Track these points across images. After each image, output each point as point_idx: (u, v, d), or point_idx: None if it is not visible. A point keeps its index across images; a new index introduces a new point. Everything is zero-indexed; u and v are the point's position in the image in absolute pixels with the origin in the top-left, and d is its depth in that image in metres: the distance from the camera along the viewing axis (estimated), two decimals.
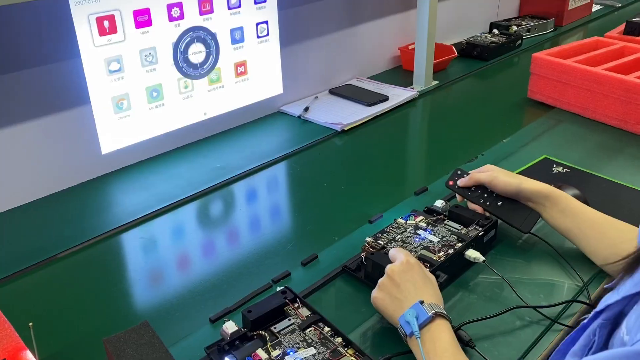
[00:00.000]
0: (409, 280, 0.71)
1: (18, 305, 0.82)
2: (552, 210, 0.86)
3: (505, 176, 0.90)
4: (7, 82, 1.00)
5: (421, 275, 0.73)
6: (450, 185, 0.95)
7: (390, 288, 0.72)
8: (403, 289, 0.71)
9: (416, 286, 0.71)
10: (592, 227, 0.83)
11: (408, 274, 0.72)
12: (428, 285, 0.72)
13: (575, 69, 1.36)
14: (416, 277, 0.72)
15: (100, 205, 1.09)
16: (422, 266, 0.75)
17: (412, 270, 0.73)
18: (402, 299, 0.70)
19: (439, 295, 0.72)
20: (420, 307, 0.67)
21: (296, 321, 0.72)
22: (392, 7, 1.70)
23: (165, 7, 1.14)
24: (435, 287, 0.73)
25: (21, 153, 1.06)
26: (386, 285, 0.73)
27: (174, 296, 0.85)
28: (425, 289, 0.71)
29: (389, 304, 0.71)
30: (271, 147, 1.29)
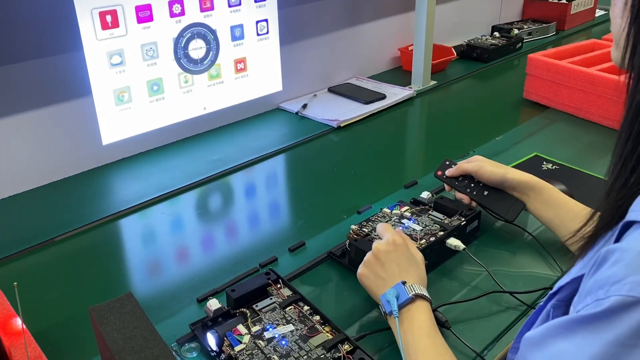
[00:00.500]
0: (394, 260, 0.73)
1: (17, 282, 0.85)
2: (535, 201, 0.89)
3: (491, 166, 0.92)
4: (12, 72, 1.05)
5: (406, 255, 0.74)
6: (439, 176, 0.98)
7: (374, 266, 0.74)
8: (387, 269, 0.73)
9: (400, 267, 0.72)
10: (573, 218, 0.85)
11: (393, 254, 0.73)
12: (413, 266, 0.73)
13: (569, 69, 1.37)
14: (401, 258, 0.73)
15: (99, 193, 1.13)
16: (408, 245, 0.75)
17: (398, 250, 0.74)
18: (385, 278, 0.72)
19: (423, 276, 0.74)
20: (401, 288, 0.69)
21: (277, 300, 0.75)
22: (392, 8, 1.73)
23: (166, 3, 1.18)
24: (420, 268, 0.74)
25: (24, 142, 1.10)
26: (371, 263, 0.74)
27: (165, 278, 0.88)
28: (410, 269, 0.72)
29: (373, 281, 0.73)
30: (268, 141, 1.32)
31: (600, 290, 0.40)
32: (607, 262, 0.41)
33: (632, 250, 0.40)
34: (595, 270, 0.42)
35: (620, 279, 0.39)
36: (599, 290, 0.41)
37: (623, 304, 0.39)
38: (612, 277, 0.40)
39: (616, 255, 0.41)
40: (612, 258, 0.41)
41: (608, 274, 0.41)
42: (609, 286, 0.40)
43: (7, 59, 1.03)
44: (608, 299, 0.40)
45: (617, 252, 0.41)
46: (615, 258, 0.41)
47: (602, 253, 0.42)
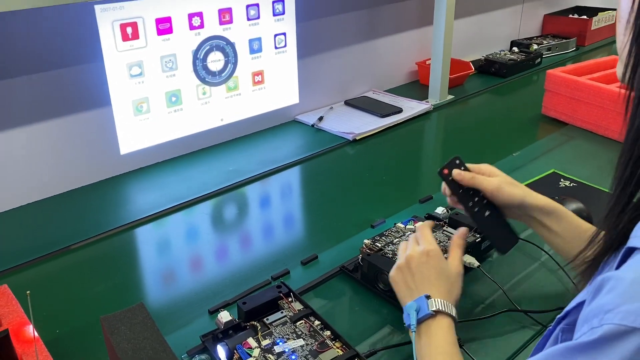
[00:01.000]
0: (424, 273, 0.71)
1: (32, 290, 0.86)
2: (552, 227, 0.80)
3: (510, 187, 0.82)
4: (34, 82, 1.07)
5: (438, 268, 0.71)
6: (444, 175, 0.83)
7: (405, 273, 0.72)
8: (416, 279, 0.71)
9: (429, 280, 0.70)
10: None
11: (424, 265, 0.71)
12: (442, 280, 0.71)
13: (588, 86, 1.36)
14: (431, 271, 0.71)
15: (116, 202, 1.14)
16: (441, 258, 0.72)
17: (429, 262, 0.71)
18: (413, 288, 0.71)
19: (454, 292, 0.71)
20: (424, 302, 0.67)
21: (288, 314, 0.74)
22: (410, 22, 1.73)
23: (186, 16, 1.20)
24: (452, 282, 0.71)
25: (44, 150, 1.11)
26: (403, 269, 0.73)
27: (177, 288, 0.89)
28: (438, 283, 0.70)
29: (402, 288, 0.72)
30: (283, 153, 1.32)
31: (595, 318, 0.41)
32: (603, 290, 0.42)
33: (626, 278, 0.41)
34: (593, 298, 0.43)
35: (613, 307, 0.40)
36: (594, 319, 0.41)
37: (615, 333, 0.39)
38: (606, 305, 0.40)
39: (611, 283, 0.41)
40: (608, 286, 0.41)
41: (602, 302, 0.41)
42: (603, 314, 0.40)
43: (29, 69, 1.05)
44: (601, 327, 0.40)
45: (612, 280, 0.41)
46: (610, 286, 0.41)
47: (599, 280, 0.43)
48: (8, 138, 1.06)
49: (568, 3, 2.38)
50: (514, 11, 2.13)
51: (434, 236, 0.76)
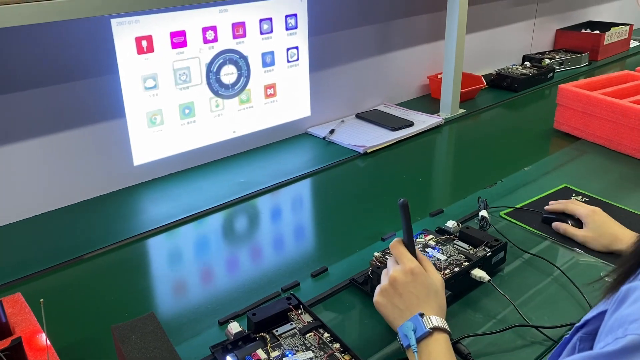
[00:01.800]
0: (412, 292, 0.71)
1: (44, 299, 0.87)
2: None
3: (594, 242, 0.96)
4: (49, 94, 1.09)
5: (425, 284, 0.71)
6: None
7: (392, 296, 0.72)
8: (405, 300, 0.71)
9: (419, 298, 0.70)
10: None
11: (411, 284, 0.71)
12: (431, 295, 0.71)
13: (600, 101, 1.36)
14: (419, 288, 0.71)
15: (129, 213, 1.15)
16: (425, 274, 0.72)
17: (416, 280, 0.71)
18: (403, 309, 0.71)
19: (442, 305, 0.72)
20: (419, 321, 0.68)
21: (298, 326, 0.74)
22: (422, 37, 1.74)
23: (200, 30, 1.21)
24: (440, 296, 0.72)
25: (59, 160, 1.13)
26: (388, 292, 0.72)
27: (188, 299, 0.89)
28: (428, 300, 0.70)
29: (390, 311, 0.72)
30: (294, 166, 1.33)
31: (620, 328, 0.40)
32: (628, 300, 0.41)
33: None
34: (617, 308, 0.42)
35: (638, 317, 0.39)
36: (618, 329, 0.41)
37: (639, 343, 0.38)
38: (631, 315, 0.40)
39: (637, 293, 0.41)
40: (633, 296, 0.41)
41: (627, 312, 0.40)
42: (628, 324, 0.40)
43: (45, 81, 1.07)
44: (625, 337, 0.39)
45: (638, 291, 0.41)
46: (635, 296, 0.41)
47: (623, 291, 0.42)
48: (24, 148, 1.08)
49: (580, 18, 2.39)
50: (527, 26, 2.14)
51: (418, 251, 0.76)
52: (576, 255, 0.95)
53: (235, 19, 1.26)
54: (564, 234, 0.99)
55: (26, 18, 0.89)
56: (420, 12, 1.71)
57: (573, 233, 0.97)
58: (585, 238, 0.96)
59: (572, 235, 0.98)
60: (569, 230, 0.98)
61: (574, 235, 0.97)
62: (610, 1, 2.53)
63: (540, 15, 2.17)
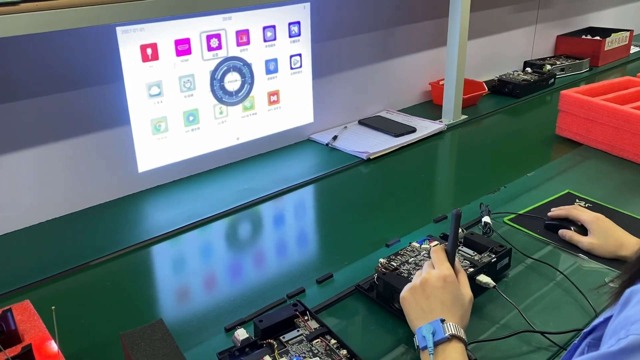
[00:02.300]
0: (439, 297, 0.72)
1: (52, 305, 0.88)
2: None
3: (600, 249, 0.96)
4: (55, 101, 1.09)
5: (454, 294, 0.73)
6: None
7: (419, 296, 0.73)
8: (431, 302, 0.72)
9: (444, 304, 0.72)
10: None
11: (440, 290, 0.73)
12: (457, 306, 0.72)
13: (602, 106, 1.36)
14: (447, 296, 0.72)
15: (134, 220, 1.16)
16: (457, 285, 0.74)
17: (446, 288, 0.73)
18: (427, 311, 0.72)
19: (465, 318, 0.73)
20: (439, 325, 0.69)
21: (304, 332, 0.75)
22: (424, 43, 1.75)
23: (204, 38, 1.22)
24: (465, 309, 0.73)
25: (64, 168, 1.14)
26: (417, 291, 0.74)
27: (195, 306, 0.89)
28: (453, 309, 0.72)
29: (414, 310, 0.73)
30: (298, 172, 1.34)
31: (622, 330, 0.41)
32: (630, 303, 0.42)
33: None
34: (620, 311, 0.43)
35: (639, 318, 0.40)
36: (621, 331, 0.41)
37: None
38: (633, 316, 0.41)
39: (638, 296, 0.42)
40: (635, 299, 0.42)
41: (629, 314, 0.41)
42: (630, 325, 0.41)
43: (52, 90, 1.08)
44: (627, 338, 0.40)
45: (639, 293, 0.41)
46: (637, 299, 0.42)
47: (627, 294, 0.43)
48: (30, 156, 1.09)
49: (581, 24, 2.40)
50: (527, 32, 2.15)
51: None
52: (579, 260, 0.96)
53: (239, 26, 1.27)
54: (569, 242, 1.00)
55: (32, 27, 0.90)
56: (422, 19, 1.72)
57: (578, 240, 0.98)
58: (591, 245, 0.96)
59: (578, 243, 0.98)
60: (575, 237, 0.99)
61: (580, 242, 0.98)
62: (610, 7, 2.54)
63: (541, 21, 2.18)
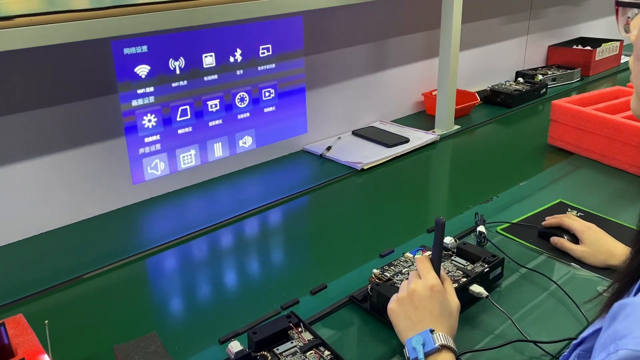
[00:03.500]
0: (427, 307, 0.72)
1: (46, 318, 0.87)
2: None
3: (592, 258, 0.97)
4: (50, 114, 1.10)
5: (442, 304, 0.73)
6: None
7: (407, 307, 0.73)
8: (419, 313, 0.72)
9: (432, 314, 0.72)
10: None
11: (428, 300, 0.73)
12: (445, 315, 0.73)
13: (593, 116, 1.38)
14: (435, 306, 0.73)
15: (127, 232, 1.16)
16: (444, 294, 0.74)
17: (434, 297, 0.73)
18: (415, 321, 0.72)
19: (453, 326, 0.73)
20: (428, 336, 0.69)
21: (298, 344, 0.75)
22: (416, 54, 1.77)
23: (200, 51, 1.23)
24: (453, 318, 0.74)
25: (58, 180, 1.14)
26: (405, 302, 0.74)
27: (188, 317, 0.89)
28: (442, 319, 0.72)
29: (402, 321, 0.73)
30: (292, 183, 1.34)
31: (612, 344, 0.41)
32: (620, 317, 0.42)
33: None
34: (609, 325, 0.43)
35: (628, 333, 0.40)
36: (610, 345, 0.41)
37: (630, 358, 0.39)
38: (622, 331, 0.41)
39: (627, 309, 0.42)
40: (624, 312, 0.42)
41: (619, 328, 0.41)
42: (619, 340, 0.41)
43: (46, 102, 1.09)
44: (617, 352, 0.40)
45: (629, 307, 0.42)
46: (626, 312, 0.42)
47: (616, 307, 0.43)
48: (24, 169, 1.09)
49: (572, 34, 2.42)
50: (519, 42, 2.17)
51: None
52: (572, 270, 0.96)
53: (234, 39, 1.28)
54: (561, 249, 1.00)
55: (26, 42, 0.91)
56: (414, 31, 1.73)
57: (570, 248, 0.99)
58: (582, 253, 0.97)
59: (569, 250, 0.99)
60: (566, 245, 0.99)
61: (571, 250, 0.98)
62: (600, 17, 2.57)
63: (533, 31, 2.20)
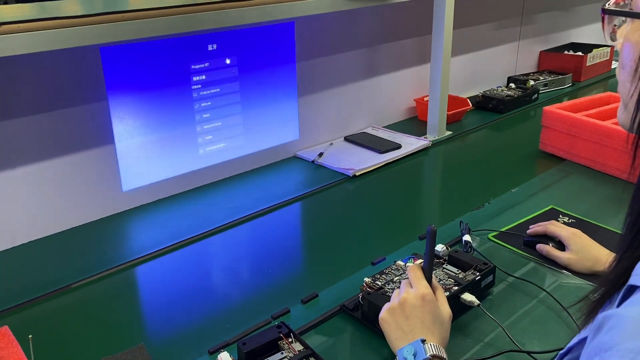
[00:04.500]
0: (418, 317, 0.72)
1: (32, 330, 0.86)
2: None
3: (578, 264, 0.97)
4: (39, 121, 1.09)
5: (433, 313, 0.73)
6: None
7: (398, 316, 0.73)
8: (410, 323, 0.72)
9: (424, 324, 0.72)
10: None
11: (419, 309, 0.73)
12: (436, 325, 0.73)
13: (584, 122, 1.38)
14: (427, 315, 0.73)
15: (117, 240, 1.15)
16: (435, 303, 0.74)
17: (425, 307, 0.73)
18: (407, 331, 0.72)
19: (445, 336, 0.73)
20: (420, 346, 0.69)
21: (288, 355, 0.74)
22: (408, 61, 1.77)
23: (191, 56, 1.22)
24: (445, 327, 0.74)
25: (47, 188, 1.13)
26: (396, 311, 0.74)
27: (178, 328, 0.88)
28: (433, 328, 0.72)
29: (394, 330, 0.73)
30: (284, 189, 1.34)
31: (596, 356, 0.41)
32: (604, 328, 0.42)
33: (626, 316, 0.41)
34: (594, 336, 0.43)
35: (613, 345, 0.40)
36: (595, 357, 0.41)
37: None
38: (607, 343, 0.41)
39: (612, 321, 0.42)
40: (608, 324, 0.42)
41: (603, 340, 0.41)
42: (604, 352, 0.40)
43: (36, 109, 1.08)
44: None
45: (613, 319, 0.42)
46: (611, 324, 0.42)
47: (600, 318, 0.43)
48: (12, 176, 1.08)
49: (563, 40, 2.43)
50: (511, 48, 2.18)
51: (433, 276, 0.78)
52: (561, 277, 0.96)
53: (226, 45, 1.27)
54: (547, 256, 1.00)
55: (13, 49, 0.90)
56: (406, 37, 1.74)
57: (556, 255, 0.98)
58: (569, 260, 0.97)
59: (556, 258, 0.99)
60: (552, 252, 0.99)
61: (558, 258, 0.98)
62: (591, 23, 2.59)
63: (524, 37, 2.21)
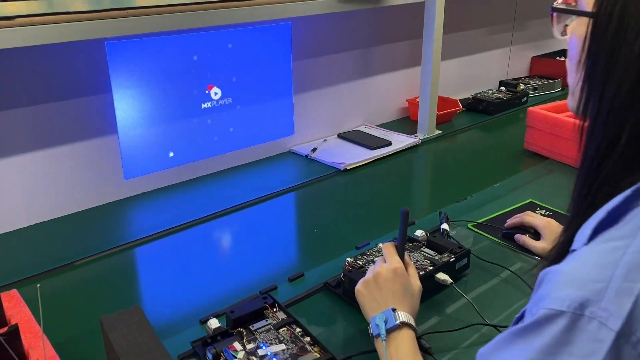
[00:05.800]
0: (390, 288, 0.79)
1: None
2: None
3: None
4: (44, 111, 1.16)
5: (404, 285, 0.79)
6: None
7: (372, 288, 0.80)
8: (383, 294, 0.79)
9: (395, 295, 0.78)
10: None
11: (391, 282, 0.79)
12: (407, 296, 0.79)
13: (566, 122, 1.44)
14: (398, 287, 0.79)
15: (118, 224, 1.22)
16: (406, 276, 0.81)
17: (396, 279, 0.79)
18: (380, 302, 0.78)
19: (415, 307, 0.79)
20: (391, 314, 0.75)
21: (272, 322, 0.81)
22: (401, 63, 1.84)
23: (190, 53, 1.29)
24: (415, 299, 0.80)
25: (53, 174, 1.20)
26: (370, 284, 0.80)
27: (173, 301, 0.95)
28: (403, 299, 0.78)
29: (368, 302, 0.80)
30: (278, 181, 1.40)
31: (535, 307, 0.47)
32: (543, 283, 0.48)
33: (560, 271, 0.47)
34: (535, 292, 0.49)
35: (547, 294, 0.46)
36: (533, 308, 0.47)
37: (547, 316, 0.45)
38: (543, 295, 0.47)
39: (549, 276, 0.48)
40: (546, 279, 0.48)
41: (541, 293, 0.47)
42: (540, 301, 0.46)
43: (41, 100, 1.15)
44: (538, 312, 0.46)
45: (550, 274, 0.48)
46: (547, 279, 0.48)
47: (540, 275, 0.49)
48: (20, 162, 1.15)
49: (555, 46, 2.50)
50: (503, 53, 2.25)
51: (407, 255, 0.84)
52: (534, 262, 1.02)
53: (224, 43, 1.34)
54: (523, 246, 1.06)
55: (26, 40, 0.97)
56: (400, 39, 1.81)
57: (531, 245, 1.05)
58: (543, 250, 1.03)
59: (531, 247, 1.05)
60: (528, 242, 1.05)
61: (533, 247, 1.04)
62: None
63: (516, 43, 2.28)
